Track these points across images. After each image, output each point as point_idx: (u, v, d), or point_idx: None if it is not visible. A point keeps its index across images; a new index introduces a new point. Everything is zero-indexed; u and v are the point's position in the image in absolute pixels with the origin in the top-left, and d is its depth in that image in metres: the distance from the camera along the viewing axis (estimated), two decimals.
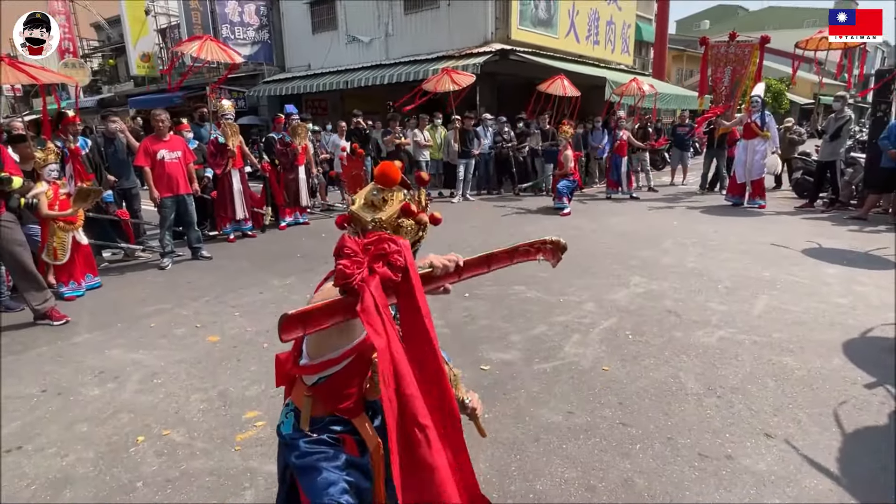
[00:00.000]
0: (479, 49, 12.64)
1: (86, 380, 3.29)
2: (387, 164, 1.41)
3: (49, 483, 2.31)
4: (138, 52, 20.39)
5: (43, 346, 3.84)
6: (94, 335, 4.03)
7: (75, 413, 2.89)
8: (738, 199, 8.69)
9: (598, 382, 3.04)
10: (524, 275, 5.13)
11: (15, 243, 4.11)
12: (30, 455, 2.53)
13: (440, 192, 11.12)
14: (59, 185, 4.75)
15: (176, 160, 5.85)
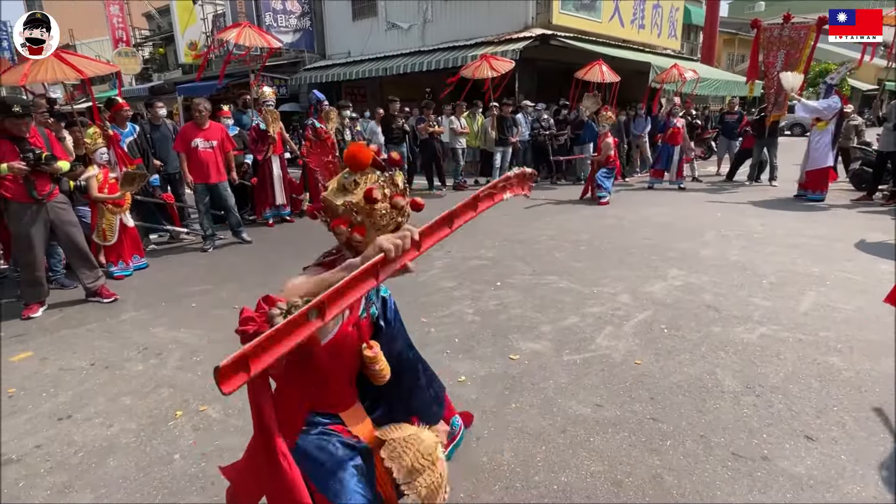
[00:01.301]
0: (519, 34, 12.41)
1: (131, 355, 3.45)
2: (356, 146, 1.36)
3: (95, 451, 2.44)
4: (186, 41, 21.02)
5: (93, 322, 4.05)
6: (139, 313, 4.22)
7: (120, 386, 3.04)
8: (801, 191, 8.29)
9: (629, 376, 2.97)
10: (557, 265, 5.06)
11: (69, 224, 4.33)
12: (78, 424, 2.68)
13: (476, 181, 11.05)
14: (108, 169, 4.97)
15: (210, 149, 5.98)
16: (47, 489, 2.20)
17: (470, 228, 6.92)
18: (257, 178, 7.26)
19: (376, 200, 1.32)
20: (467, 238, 6.27)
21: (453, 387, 2.91)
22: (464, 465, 2.25)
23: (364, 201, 1.33)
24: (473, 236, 6.35)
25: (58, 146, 4.35)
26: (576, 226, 6.78)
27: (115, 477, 2.26)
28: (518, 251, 5.61)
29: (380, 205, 1.35)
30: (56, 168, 4.11)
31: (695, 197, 8.83)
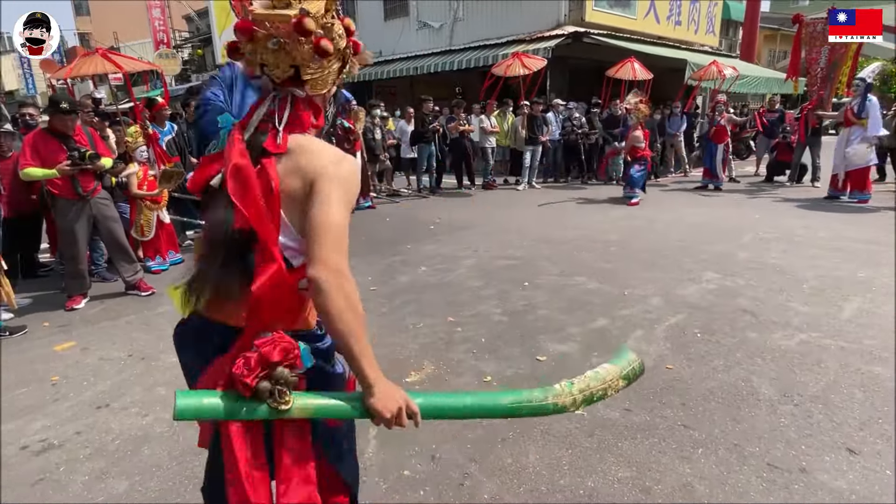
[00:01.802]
0: (551, 32, 12.28)
1: (166, 347, 3.55)
2: None
3: (131, 439, 2.53)
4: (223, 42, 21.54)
5: (132, 315, 4.20)
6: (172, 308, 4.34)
7: (156, 377, 3.14)
8: (838, 192, 7.95)
9: (660, 381, 2.90)
10: (586, 266, 4.99)
11: (111, 220, 4.49)
12: (116, 412, 2.77)
13: (505, 180, 11.00)
14: (147, 167, 5.13)
15: None
16: (86, 474, 2.28)
17: (498, 228, 6.92)
18: None
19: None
20: (495, 237, 6.25)
21: (479, 387, 2.90)
22: (489, 466, 2.24)
23: (322, 12, 1.18)
24: (501, 236, 6.32)
25: (101, 144, 4.52)
26: (606, 226, 6.67)
27: (149, 465, 2.33)
28: (546, 251, 5.55)
29: (337, 25, 1.21)
30: (99, 166, 4.26)
31: (731, 198, 8.57)
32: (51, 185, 4.17)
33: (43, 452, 2.45)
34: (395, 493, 2.11)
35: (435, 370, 3.10)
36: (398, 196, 9.74)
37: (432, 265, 5.21)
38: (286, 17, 1.12)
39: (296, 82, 1.19)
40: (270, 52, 1.15)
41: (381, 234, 6.65)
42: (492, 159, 10.50)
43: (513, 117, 10.60)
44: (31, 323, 4.05)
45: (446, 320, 3.82)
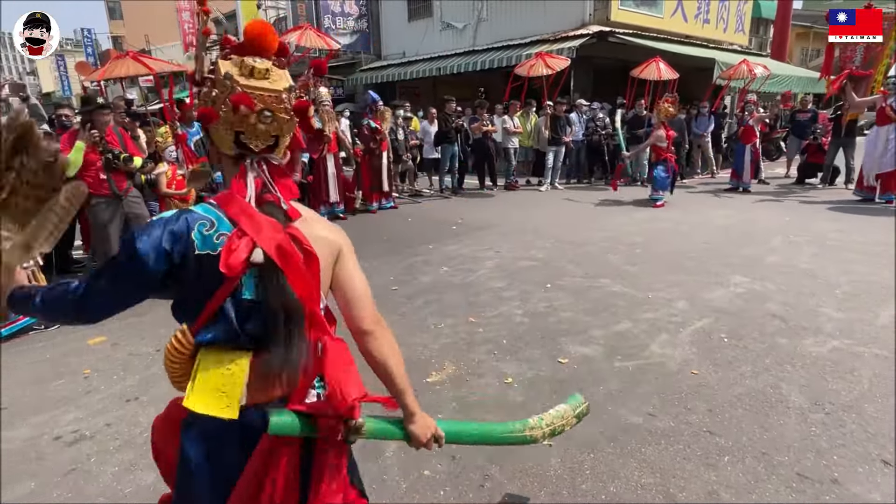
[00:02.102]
0: (576, 32, 12.17)
1: None
2: (262, 24, 1.18)
3: None
4: None
5: (160, 310, 4.28)
6: None
7: None
8: (869, 194, 7.69)
9: (685, 386, 2.84)
10: (610, 268, 4.93)
11: (142, 218, 4.61)
12: (144, 405, 2.84)
13: (528, 180, 10.94)
14: (176, 166, 5.25)
15: None
16: (115, 465, 2.34)
17: (520, 229, 6.87)
18: (312, 177, 7.47)
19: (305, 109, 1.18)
20: (517, 238, 6.21)
21: (499, 388, 2.89)
22: (510, 468, 2.22)
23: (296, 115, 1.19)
24: (523, 236, 6.29)
25: (131, 144, 4.65)
26: (630, 228, 6.57)
27: None
28: (569, 253, 5.50)
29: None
30: (132, 167, 4.39)
31: (760, 200, 8.37)
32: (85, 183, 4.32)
33: (75, 443, 2.52)
34: (415, 493, 2.11)
35: (456, 371, 3.09)
36: (420, 196, 9.77)
37: (454, 265, 5.21)
38: (277, 92, 1.13)
39: (272, 150, 1.19)
40: (253, 124, 1.12)
41: (403, 234, 6.68)
42: (514, 160, 10.46)
43: (536, 118, 10.54)
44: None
45: (468, 321, 3.81)
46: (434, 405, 2.73)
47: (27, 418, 2.76)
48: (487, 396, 2.81)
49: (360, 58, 17.93)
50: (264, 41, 1.16)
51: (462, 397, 2.80)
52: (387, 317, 3.97)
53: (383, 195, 8.44)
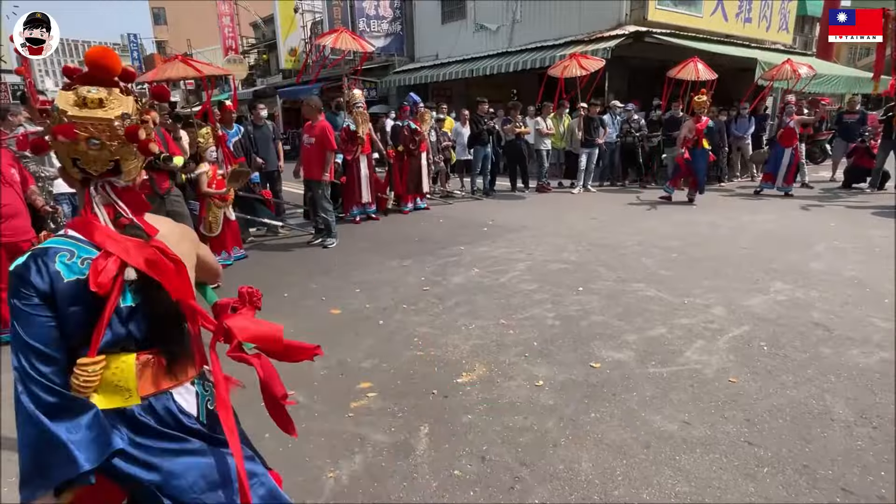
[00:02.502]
0: (611, 32, 12.00)
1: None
2: (105, 50, 1.23)
3: None
4: (287, 48, 22.44)
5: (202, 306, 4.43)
6: None
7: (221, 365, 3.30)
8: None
9: (722, 394, 2.77)
10: (644, 272, 4.84)
11: (181, 216, 4.77)
12: None
13: (560, 182, 10.83)
14: (216, 166, 5.41)
15: (309, 146, 6.28)
16: None
17: (552, 231, 6.81)
18: (346, 177, 7.58)
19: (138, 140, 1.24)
20: (548, 241, 6.17)
21: (530, 390, 2.87)
22: (540, 471, 2.21)
23: (137, 111, 1.26)
24: (555, 239, 6.23)
25: (172, 144, 4.81)
26: (665, 232, 6.44)
27: None
28: (602, 256, 5.42)
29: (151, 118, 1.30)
30: (172, 166, 4.55)
31: (804, 205, 8.07)
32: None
33: None
34: (445, 493, 2.13)
35: (486, 372, 3.09)
36: (451, 198, 9.80)
37: (485, 267, 5.21)
38: (108, 120, 1.20)
39: (115, 173, 1.26)
40: (86, 151, 1.20)
41: (434, 235, 6.71)
42: (546, 162, 10.37)
43: (569, 119, 10.44)
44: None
45: (498, 322, 3.81)
46: (464, 406, 2.74)
47: None
48: (518, 399, 2.80)
49: (394, 60, 18.11)
50: (102, 68, 1.22)
51: (492, 399, 2.80)
52: (418, 317, 4.03)
53: (418, 196, 8.50)
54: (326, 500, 2.10)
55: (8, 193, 3.63)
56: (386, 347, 3.48)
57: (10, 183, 3.66)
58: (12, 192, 3.66)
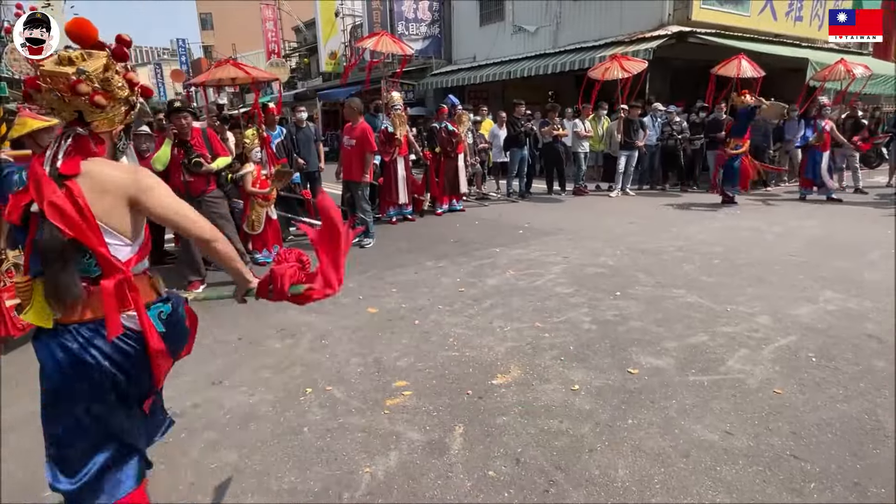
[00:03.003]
0: (653, 33, 11.75)
1: (270, 334, 3.84)
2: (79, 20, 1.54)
3: (239, 415, 2.77)
4: (327, 51, 22.90)
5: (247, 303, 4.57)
6: None
7: (261, 360, 3.41)
8: None
9: (766, 405, 2.68)
10: (685, 278, 4.73)
11: (219, 217, 4.93)
12: (227, 389, 3.05)
13: (597, 186, 10.68)
14: (261, 167, 5.58)
15: (349, 147, 6.40)
16: (202, 444, 2.53)
17: (588, 235, 6.73)
18: (383, 178, 7.68)
19: (122, 73, 1.57)
20: (585, 244, 6.09)
21: (565, 394, 2.85)
22: (575, 475, 2.20)
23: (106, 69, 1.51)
24: (592, 243, 6.15)
25: (217, 144, 4.96)
26: (708, 237, 6.26)
27: (254, 441, 2.54)
28: (641, 261, 5.32)
29: (115, 76, 1.54)
30: (202, 172, 4.68)
31: (857, 211, 7.71)
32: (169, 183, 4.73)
33: None
34: (480, 493, 2.13)
35: (521, 375, 3.09)
36: (487, 200, 9.79)
37: (520, 269, 5.19)
38: (65, 74, 1.44)
39: (81, 122, 1.53)
40: (55, 101, 1.49)
41: (469, 236, 6.73)
42: (584, 164, 10.24)
43: (608, 121, 10.28)
44: None
45: (534, 325, 3.79)
46: (498, 408, 2.74)
47: None
48: (553, 402, 2.78)
49: (431, 62, 18.24)
50: (76, 35, 1.55)
51: (527, 402, 2.79)
52: (453, 317, 4.03)
53: (454, 197, 8.54)
54: (362, 495, 2.14)
55: None
56: (421, 347, 3.52)
57: None
58: None
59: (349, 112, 6.40)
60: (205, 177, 4.79)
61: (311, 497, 2.14)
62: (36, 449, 2.54)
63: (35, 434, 2.64)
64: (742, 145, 8.10)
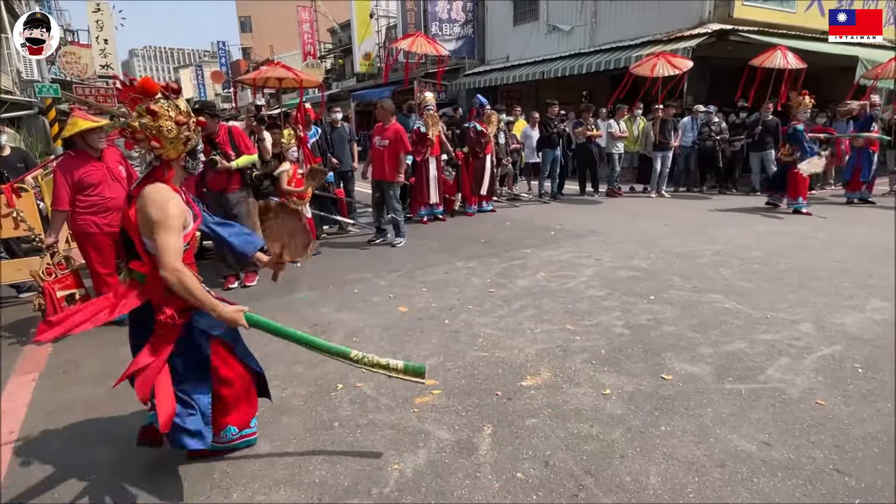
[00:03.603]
0: (692, 31, 11.46)
1: (303, 330, 3.90)
2: (145, 81, 2.00)
3: (273, 408, 2.83)
4: (361, 52, 23.18)
5: (275, 299, 4.68)
6: (311, 294, 4.77)
7: (294, 356, 3.47)
8: None
9: (807, 417, 2.58)
10: (722, 283, 4.60)
11: (238, 217, 5.02)
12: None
13: (632, 187, 10.49)
14: (297, 166, 5.69)
15: (381, 147, 6.47)
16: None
17: (622, 237, 6.62)
18: (415, 178, 7.73)
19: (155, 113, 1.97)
20: (618, 247, 5.99)
21: (596, 398, 2.81)
22: (606, 481, 2.16)
23: (150, 118, 1.97)
24: (625, 245, 6.04)
25: (241, 142, 5.01)
26: (747, 241, 6.07)
27: (287, 434, 2.60)
28: (676, 265, 5.20)
29: (165, 122, 1.99)
30: (222, 167, 4.76)
31: None
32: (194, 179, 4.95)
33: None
34: (508, 494, 2.13)
35: (551, 377, 3.06)
36: (518, 200, 9.74)
37: (551, 271, 5.14)
38: (129, 131, 2.03)
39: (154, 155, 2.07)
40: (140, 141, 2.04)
41: (500, 237, 6.71)
42: (618, 165, 10.07)
43: (644, 121, 10.07)
44: None
45: (564, 328, 3.75)
46: (528, 410, 2.72)
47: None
48: (584, 406, 2.74)
49: (464, 63, 18.24)
50: (143, 90, 2.00)
51: (557, 404, 2.77)
52: (483, 318, 4.03)
53: (483, 198, 8.52)
54: (391, 491, 2.16)
55: (115, 188, 4.00)
56: (451, 346, 3.53)
57: (117, 179, 4.04)
58: (119, 186, 4.03)
59: (381, 113, 6.48)
60: (225, 174, 4.89)
61: (341, 491, 2.17)
62: (82, 432, 2.67)
63: (83, 415, 2.78)
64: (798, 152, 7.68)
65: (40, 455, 2.48)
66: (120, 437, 2.56)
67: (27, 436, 2.67)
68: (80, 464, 2.40)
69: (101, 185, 3.94)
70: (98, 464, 2.40)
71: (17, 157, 5.52)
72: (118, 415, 2.79)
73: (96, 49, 18.94)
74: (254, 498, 2.15)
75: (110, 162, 4.04)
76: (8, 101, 12.67)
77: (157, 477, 2.29)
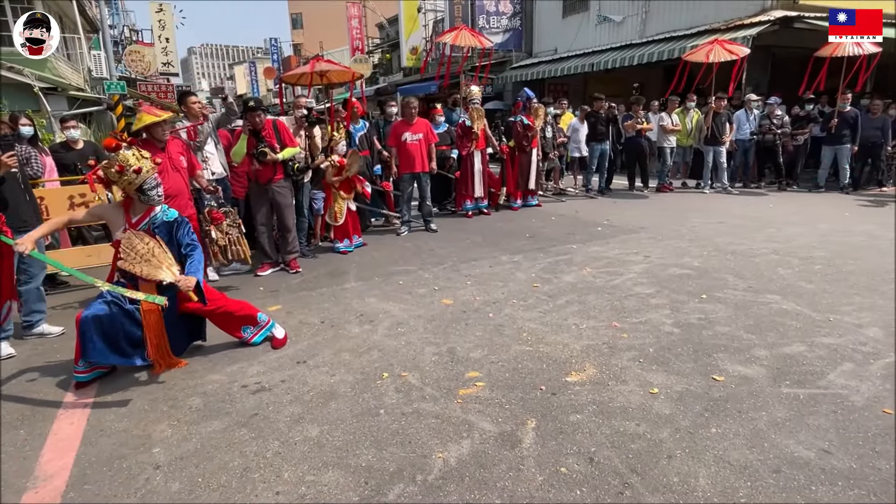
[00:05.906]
0: (753, 19, 10.91)
1: (350, 319, 4.02)
2: (108, 140, 2.98)
3: (321, 393, 2.92)
4: (409, 47, 23.33)
5: (324, 288, 4.82)
6: (358, 284, 4.88)
7: (341, 344, 3.57)
8: None
9: (873, 426, 2.44)
10: (781, 283, 4.39)
11: (282, 206, 5.25)
12: (311, 368, 3.23)
13: (683, 182, 10.14)
14: (344, 160, 5.81)
15: (416, 142, 6.62)
16: (287, 416, 2.71)
17: (672, 234, 6.43)
18: (460, 172, 7.74)
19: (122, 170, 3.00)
20: (668, 244, 5.81)
21: (643, 397, 2.76)
22: (652, 480, 2.12)
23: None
24: (676, 242, 5.86)
25: (286, 135, 5.23)
26: (809, 240, 5.77)
27: (334, 418, 2.68)
28: (731, 263, 5.00)
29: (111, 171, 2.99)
30: (266, 161, 4.94)
31: None
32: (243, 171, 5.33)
33: (257, 392, 2.96)
34: (551, 488, 2.12)
35: (597, 374, 3.02)
36: (565, 195, 9.59)
37: (598, 267, 5.05)
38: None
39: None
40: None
41: (545, 232, 6.64)
42: (670, 160, 9.75)
43: (698, 114, 9.70)
44: (247, 287, 4.92)
45: (611, 325, 3.68)
46: (572, 405, 2.70)
47: (223, 368, 3.30)
48: (630, 404, 2.70)
49: (511, 56, 18.06)
50: (107, 148, 3.10)
51: (602, 402, 2.73)
52: (528, 312, 4.02)
53: (529, 192, 8.44)
54: (435, 478, 2.20)
55: (175, 177, 4.21)
56: (495, 340, 3.53)
57: (178, 169, 4.25)
58: (179, 176, 4.25)
59: (407, 110, 6.65)
60: (271, 165, 5.07)
61: (387, 476, 2.22)
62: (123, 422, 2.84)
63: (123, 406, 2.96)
64: None
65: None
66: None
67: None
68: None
69: (163, 174, 4.16)
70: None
71: (89, 150, 5.91)
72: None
73: (158, 47, 19.89)
74: (304, 478, 2.23)
75: (172, 153, 4.26)
76: (80, 98, 13.51)
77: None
